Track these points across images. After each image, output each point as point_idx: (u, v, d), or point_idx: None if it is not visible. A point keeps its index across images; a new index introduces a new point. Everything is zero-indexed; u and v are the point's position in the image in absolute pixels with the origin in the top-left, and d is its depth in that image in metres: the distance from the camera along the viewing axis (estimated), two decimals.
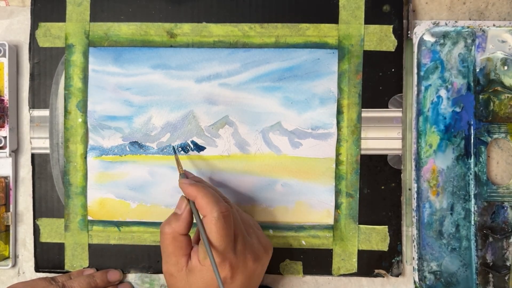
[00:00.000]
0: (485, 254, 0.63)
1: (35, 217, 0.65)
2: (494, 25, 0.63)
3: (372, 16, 0.64)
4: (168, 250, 0.55)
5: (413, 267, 0.64)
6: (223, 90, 0.65)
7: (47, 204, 0.65)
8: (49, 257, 0.65)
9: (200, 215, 0.54)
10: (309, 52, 0.64)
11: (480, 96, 0.63)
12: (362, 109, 0.64)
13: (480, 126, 0.63)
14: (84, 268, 0.65)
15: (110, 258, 0.65)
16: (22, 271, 0.67)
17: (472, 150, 0.63)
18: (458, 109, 0.63)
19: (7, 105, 0.64)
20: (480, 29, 0.63)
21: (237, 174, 0.65)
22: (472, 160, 0.63)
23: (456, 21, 0.63)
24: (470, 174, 0.63)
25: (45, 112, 0.65)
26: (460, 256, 0.63)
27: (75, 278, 0.62)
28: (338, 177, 0.65)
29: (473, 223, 0.63)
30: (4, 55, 0.64)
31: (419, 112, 0.63)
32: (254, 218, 0.63)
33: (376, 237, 0.65)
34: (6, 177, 0.66)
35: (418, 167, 0.64)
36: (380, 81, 0.64)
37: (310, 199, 0.65)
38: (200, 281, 0.53)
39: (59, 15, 0.64)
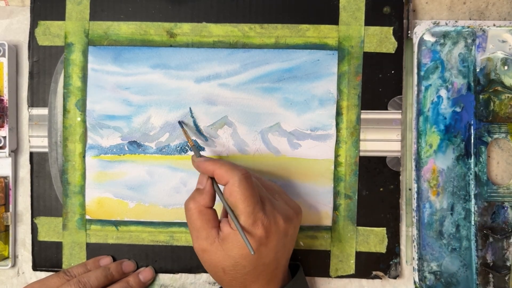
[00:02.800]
0: (485, 254, 0.63)
1: (33, 216, 0.65)
2: (494, 25, 0.63)
3: (373, 18, 0.64)
4: (197, 225, 0.55)
5: (413, 267, 0.63)
6: (223, 91, 0.65)
7: (45, 202, 0.65)
8: (46, 256, 0.65)
9: (222, 186, 0.55)
10: (309, 53, 0.64)
11: (481, 96, 0.63)
12: (362, 111, 0.64)
13: (481, 126, 0.63)
14: (100, 257, 0.65)
15: None
16: (22, 271, 0.67)
17: (472, 150, 0.63)
18: (458, 109, 0.63)
19: (7, 105, 0.65)
20: (481, 29, 0.63)
21: None
22: (472, 160, 0.63)
23: (456, 21, 0.63)
24: (470, 174, 0.63)
25: (44, 111, 0.65)
26: (460, 256, 0.63)
27: (91, 272, 0.61)
28: (336, 179, 0.64)
29: (473, 223, 0.63)
30: (3, 55, 0.64)
31: (419, 112, 0.63)
32: (279, 185, 0.63)
33: (374, 239, 0.64)
34: (5, 177, 0.66)
35: (418, 167, 0.63)
36: (379, 83, 0.64)
37: (308, 200, 0.64)
38: (236, 246, 0.53)
39: (59, 14, 0.64)
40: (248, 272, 0.55)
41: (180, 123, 0.64)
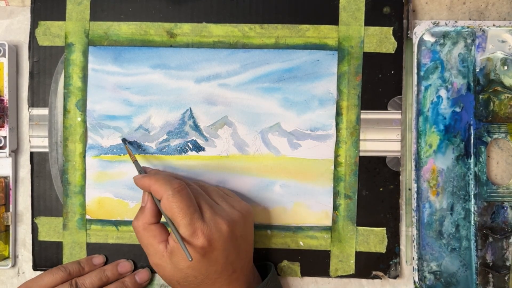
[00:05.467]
0: (485, 254, 0.63)
1: (33, 216, 0.65)
2: (494, 25, 0.63)
3: (372, 18, 0.64)
4: (144, 242, 0.57)
5: (413, 267, 0.63)
6: (223, 91, 0.65)
7: (46, 202, 0.65)
8: (47, 256, 0.65)
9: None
10: (308, 53, 0.64)
11: (480, 96, 0.63)
12: (361, 111, 0.64)
13: (480, 126, 0.63)
14: (93, 256, 0.65)
15: (108, 257, 0.65)
16: (22, 271, 0.67)
17: (472, 150, 0.63)
18: (458, 109, 0.63)
19: (7, 105, 0.65)
20: (480, 29, 0.63)
21: (236, 174, 0.65)
22: (472, 160, 0.63)
23: (456, 21, 0.63)
24: (470, 174, 0.63)
25: (44, 111, 0.65)
26: (460, 256, 0.63)
27: (86, 275, 0.62)
28: (336, 179, 0.64)
29: (473, 223, 0.63)
30: (4, 55, 0.64)
31: (419, 112, 0.63)
32: (226, 188, 0.64)
33: (374, 239, 0.64)
34: (6, 177, 0.66)
35: (418, 167, 0.63)
36: (379, 83, 0.64)
37: (308, 200, 0.65)
38: (181, 258, 0.54)
39: (59, 14, 0.64)
40: (201, 282, 0.55)
41: (123, 140, 0.64)
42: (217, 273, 0.55)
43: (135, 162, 0.61)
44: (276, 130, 0.65)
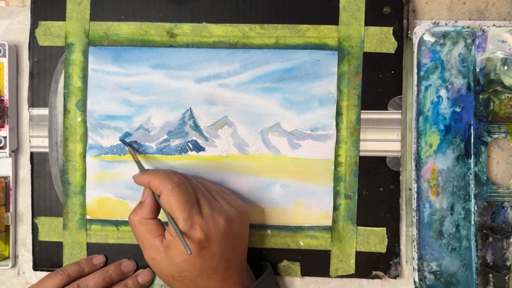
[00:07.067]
0: (485, 254, 0.63)
1: (33, 216, 0.65)
2: (494, 25, 0.63)
3: (372, 18, 0.64)
4: (140, 236, 0.57)
5: (413, 267, 0.63)
6: (223, 91, 0.65)
7: (46, 203, 0.65)
8: (47, 256, 0.65)
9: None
10: (309, 53, 0.64)
11: (480, 96, 0.63)
12: (362, 111, 0.64)
13: (480, 126, 0.63)
14: (93, 256, 0.65)
15: (108, 257, 0.65)
16: (22, 271, 0.67)
17: (472, 150, 0.63)
18: (458, 109, 0.63)
19: (7, 105, 0.65)
20: (480, 29, 0.63)
21: (236, 174, 0.65)
22: (472, 160, 0.63)
23: (456, 21, 0.63)
24: (470, 174, 0.63)
25: (44, 111, 0.65)
26: (460, 256, 0.63)
27: (90, 276, 0.62)
28: (336, 179, 0.64)
29: (473, 223, 0.63)
30: (4, 55, 0.64)
31: (419, 112, 0.63)
32: (224, 187, 0.64)
33: (374, 239, 0.64)
34: (6, 177, 0.66)
35: (418, 167, 0.63)
36: (379, 83, 0.64)
37: (308, 200, 0.65)
38: (178, 252, 0.55)
39: (59, 14, 0.64)
40: (196, 277, 0.56)
41: (122, 142, 0.65)
42: (212, 269, 0.56)
43: (138, 163, 0.61)
44: (276, 130, 0.65)
